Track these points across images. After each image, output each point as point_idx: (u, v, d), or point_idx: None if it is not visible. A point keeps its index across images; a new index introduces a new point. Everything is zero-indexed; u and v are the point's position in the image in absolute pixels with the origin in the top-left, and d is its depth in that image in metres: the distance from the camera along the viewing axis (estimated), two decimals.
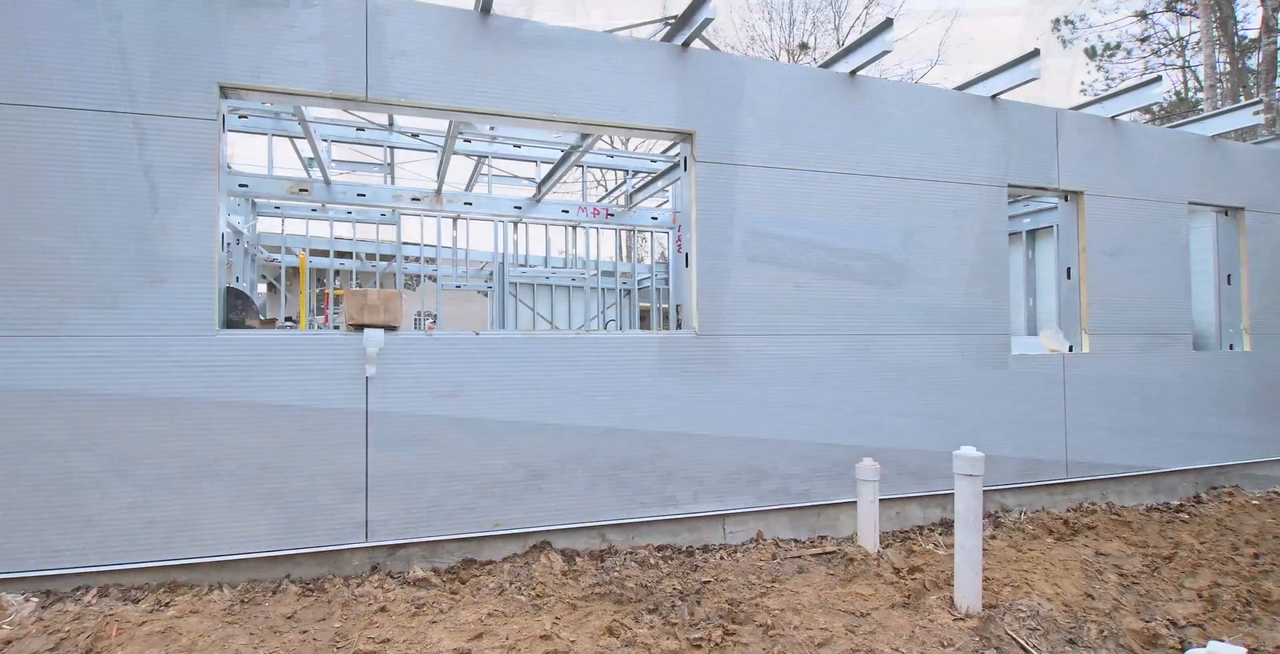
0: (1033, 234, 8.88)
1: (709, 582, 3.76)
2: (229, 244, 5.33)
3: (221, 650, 2.86)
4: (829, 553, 4.27)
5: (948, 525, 4.89)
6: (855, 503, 4.36)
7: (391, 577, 3.71)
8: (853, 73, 4.97)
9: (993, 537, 4.62)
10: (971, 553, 3.39)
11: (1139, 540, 4.63)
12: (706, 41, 5.14)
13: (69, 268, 3.40)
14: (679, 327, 4.76)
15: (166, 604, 3.26)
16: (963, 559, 3.41)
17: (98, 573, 3.39)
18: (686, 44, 4.54)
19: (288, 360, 3.71)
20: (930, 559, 4.11)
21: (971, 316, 5.20)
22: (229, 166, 6.86)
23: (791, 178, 4.74)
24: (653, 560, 4.05)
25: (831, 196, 4.84)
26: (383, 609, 3.34)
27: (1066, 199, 5.81)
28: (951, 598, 3.48)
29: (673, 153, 8.25)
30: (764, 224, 4.66)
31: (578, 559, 4.01)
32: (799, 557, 4.21)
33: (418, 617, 3.28)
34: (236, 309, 4.58)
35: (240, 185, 7.18)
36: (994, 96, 5.40)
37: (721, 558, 4.17)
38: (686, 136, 4.61)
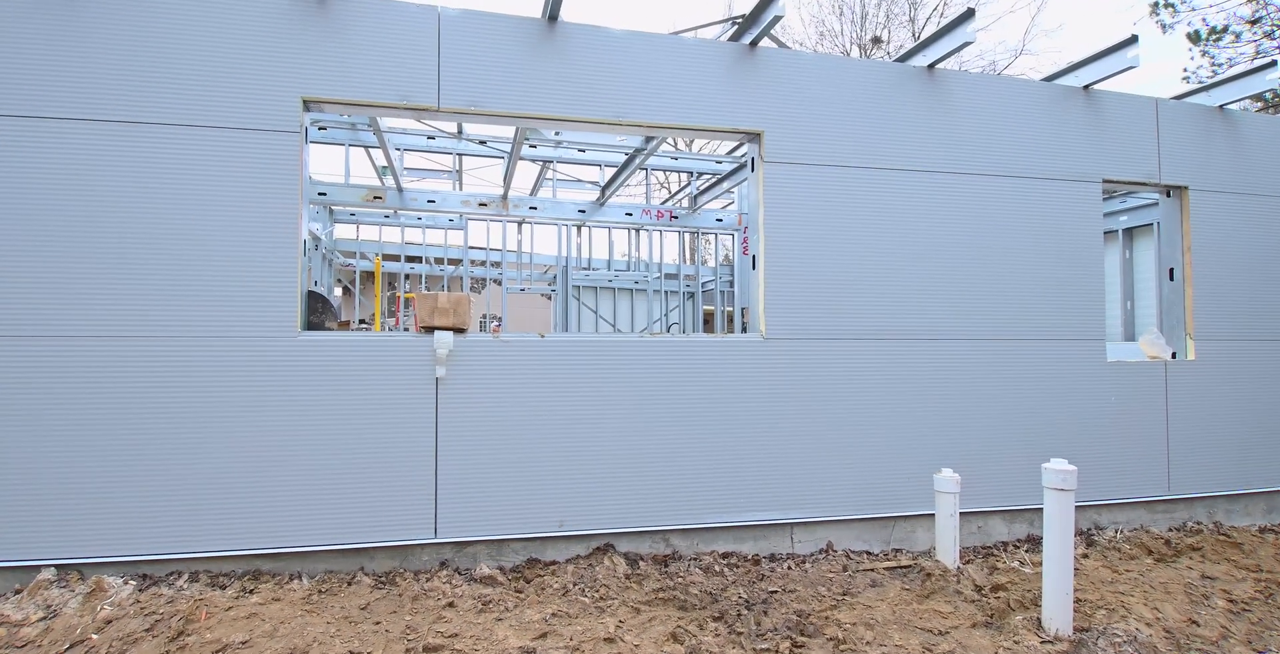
0: (1130, 232, 8.35)
1: (776, 592, 3.69)
2: (309, 250, 5.64)
3: (301, 638, 3.01)
4: (904, 567, 4.12)
5: (1035, 542, 4.63)
6: (933, 515, 4.20)
7: (459, 573, 3.82)
8: (931, 66, 4.82)
9: (1085, 555, 4.35)
10: (1061, 572, 3.20)
11: (1250, 564, 4.27)
12: (775, 39, 5.09)
13: (170, 274, 3.67)
14: (744, 330, 4.72)
15: (251, 591, 3.47)
16: (1052, 578, 3.22)
17: (189, 559, 3.64)
18: (754, 43, 4.51)
19: (362, 361, 3.89)
20: (1016, 577, 3.90)
21: (1061, 320, 4.93)
22: (309, 176, 7.27)
23: (864, 177, 4.63)
24: (717, 567, 4.01)
25: (908, 195, 4.70)
26: (450, 605, 3.44)
27: (1169, 195, 5.44)
28: (1039, 619, 3.29)
29: (739, 153, 8.20)
30: (835, 224, 4.56)
31: (641, 563, 4.03)
32: (872, 569, 4.08)
33: (484, 613, 3.37)
34: (316, 312, 4.85)
35: (320, 194, 7.60)
36: (1086, 87, 5.11)
37: (789, 568, 4.10)
38: (754, 137, 4.57)
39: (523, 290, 11.96)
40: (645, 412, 4.21)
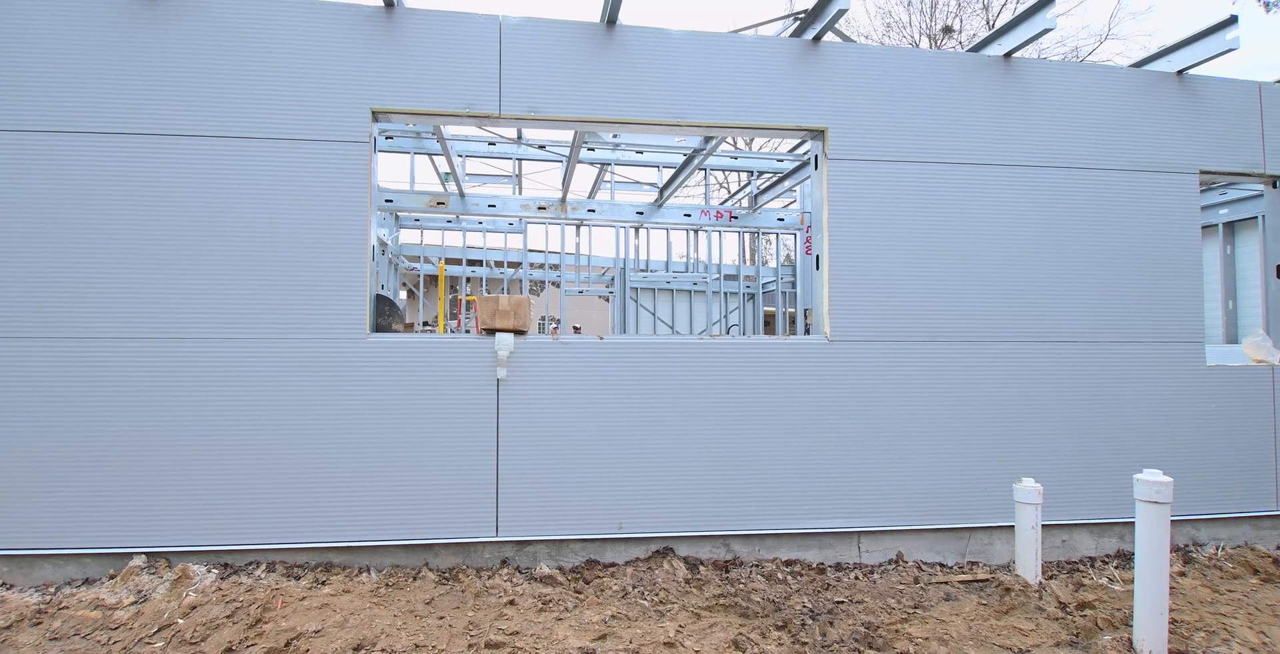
0: (1231, 226, 7.78)
1: (843, 602, 3.61)
2: (376, 255, 5.88)
3: (369, 629, 3.13)
4: (981, 580, 3.96)
5: (1126, 558, 4.37)
6: (1012, 527, 4.02)
7: (519, 572, 3.89)
8: (1007, 55, 4.63)
9: (1182, 573, 4.07)
10: (1156, 590, 3.00)
11: None
12: (839, 33, 5.00)
13: (252, 281, 3.90)
14: (807, 332, 4.64)
15: (323, 582, 3.63)
16: (1145, 596, 3.03)
17: (266, 550, 3.84)
18: (817, 38, 4.44)
19: (426, 362, 4.02)
20: (1104, 595, 3.69)
21: (1155, 321, 4.64)
22: (377, 184, 7.59)
23: (935, 172, 4.49)
24: (780, 575, 3.95)
25: (983, 191, 4.53)
26: (511, 603, 3.51)
27: (1275, 186, 5.05)
28: (1129, 640, 3.10)
29: (801, 151, 8.08)
30: (904, 222, 4.44)
31: (701, 568, 4.01)
32: (945, 582, 3.93)
33: (544, 612, 3.42)
34: (384, 314, 5.04)
35: (386, 200, 7.91)
36: (1180, 72, 4.81)
37: (856, 578, 4.00)
38: (818, 134, 4.50)
39: (581, 292, 12.12)
40: (705, 415, 4.19)
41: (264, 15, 3.98)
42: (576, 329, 10.93)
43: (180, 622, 3.24)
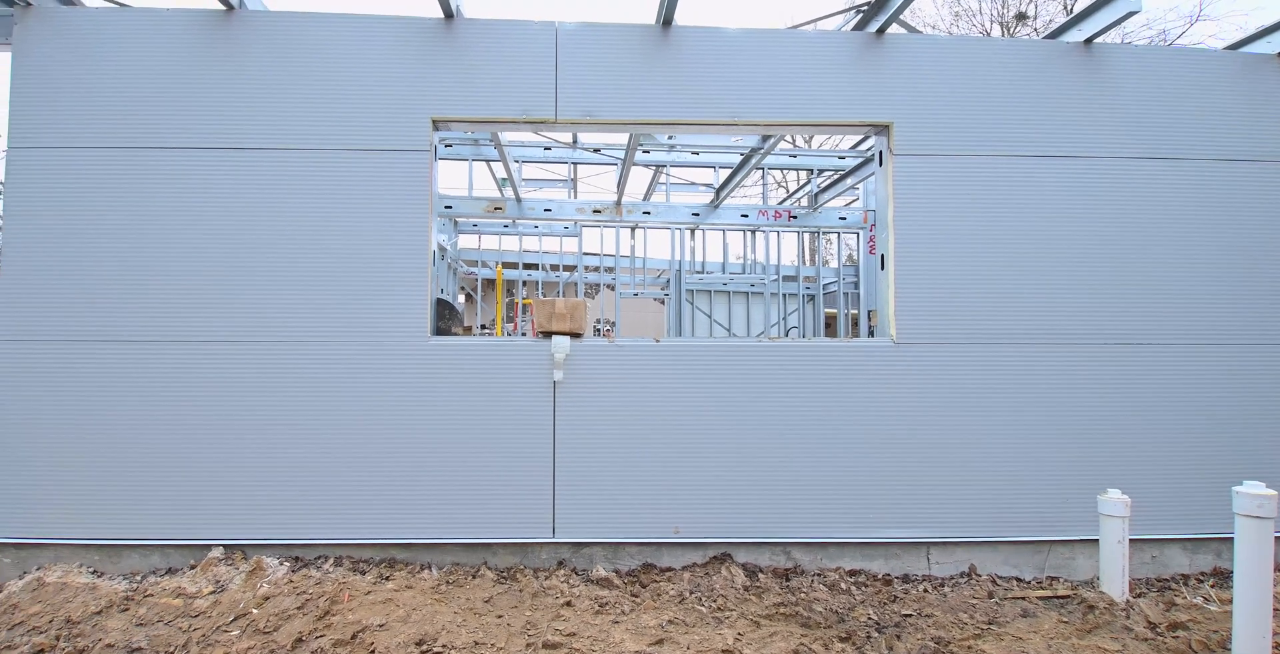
0: None
1: (911, 615, 3.51)
2: (436, 260, 6.08)
3: (431, 625, 3.23)
4: (1061, 597, 3.78)
5: (1223, 576, 4.09)
6: (1096, 541, 3.82)
7: (576, 573, 3.95)
8: (1087, 41, 4.44)
9: None
10: (1257, 611, 2.81)
11: None
12: (904, 24, 4.89)
13: (321, 285, 4.10)
14: (871, 334, 4.55)
15: (387, 578, 3.78)
16: (1245, 618, 2.83)
17: (334, 545, 4.02)
18: (881, 30, 4.36)
19: (485, 364, 4.14)
20: (1198, 615, 3.46)
21: (1257, 321, 4.34)
22: (437, 191, 7.86)
23: (1008, 166, 4.34)
24: (844, 585, 3.88)
25: (1061, 184, 4.35)
26: (568, 604, 3.56)
27: None
28: None
29: (863, 147, 7.93)
30: (974, 219, 4.30)
31: (760, 575, 3.97)
32: (1022, 597, 3.78)
33: (600, 615, 3.46)
34: (444, 317, 5.22)
35: (446, 207, 8.17)
36: None
37: (926, 590, 3.88)
38: (882, 129, 4.41)
39: (636, 295, 12.20)
40: (764, 419, 4.16)
41: (327, 34, 4.19)
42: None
43: (254, 612, 3.43)
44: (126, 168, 4.08)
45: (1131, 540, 3.77)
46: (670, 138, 7.41)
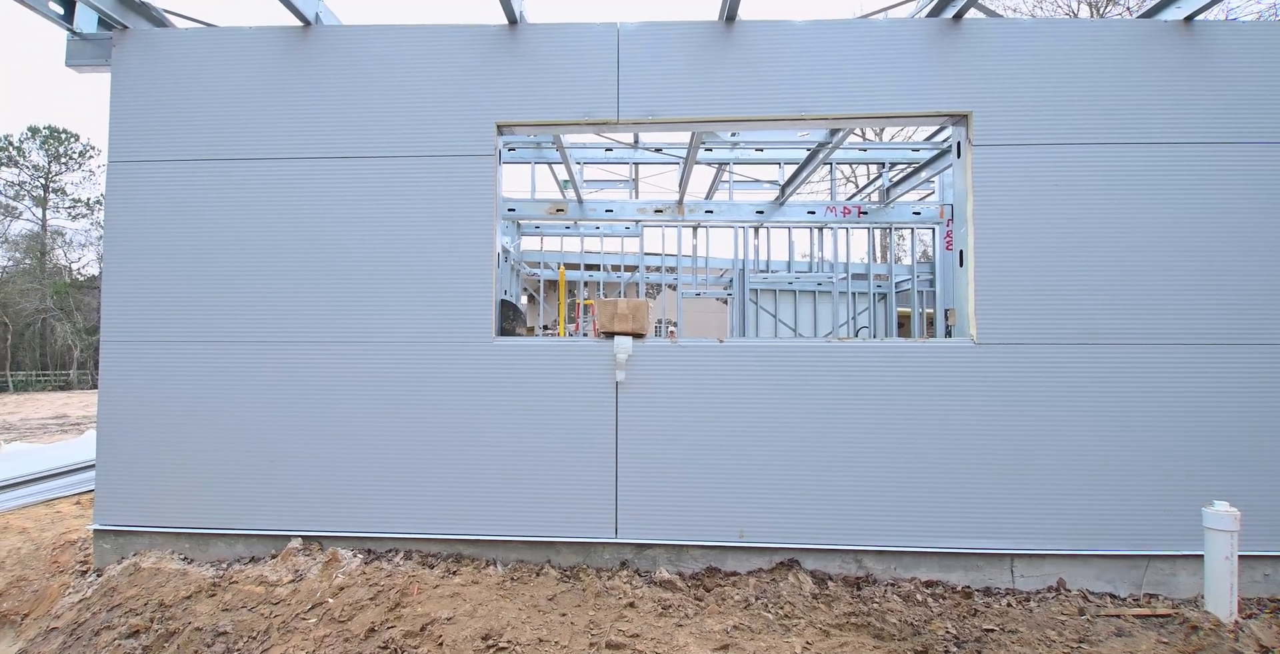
0: None
1: (993, 630, 3.38)
2: (500, 262, 6.25)
3: (496, 620, 3.32)
4: (1161, 616, 3.55)
5: None
6: (1201, 556, 3.58)
7: (639, 574, 3.98)
8: (1188, 19, 4.17)
9: None
10: None
11: None
12: (983, 9, 4.71)
13: (396, 287, 4.29)
14: (948, 334, 4.40)
15: (454, 572, 3.90)
16: None
17: (404, 539, 4.18)
18: (959, 16, 4.22)
19: (548, 365, 4.22)
20: None
21: None
22: (501, 194, 8.08)
23: (1099, 154, 4.11)
24: (919, 596, 3.76)
25: (1157, 174, 4.09)
26: (631, 605, 3.59)
27: None
28: None
29: (939, 139, 7.67)
30: (1062, 211, 4.10)
31: (829, 583, 3.90)
32: (1117, 615, 3.57)
33: (664, 617, 3.47)
34: (508, 318, 5.35)
35: (509, 209, 8.38)
36: None
37: (1009, 604, 3.72)
38: (960, 119, 4.27)
39: (698, 295, 12.17)
40: (833, 422, 4.09)
41: (395, 45, 4.38)
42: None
43: (330, 601, 3.60)
44: (213, 179, 4.38)
45: (1241, 557, 3.51)
46: (734, 135, 7.37)
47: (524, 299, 11.61)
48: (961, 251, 4.27)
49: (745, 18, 4.29)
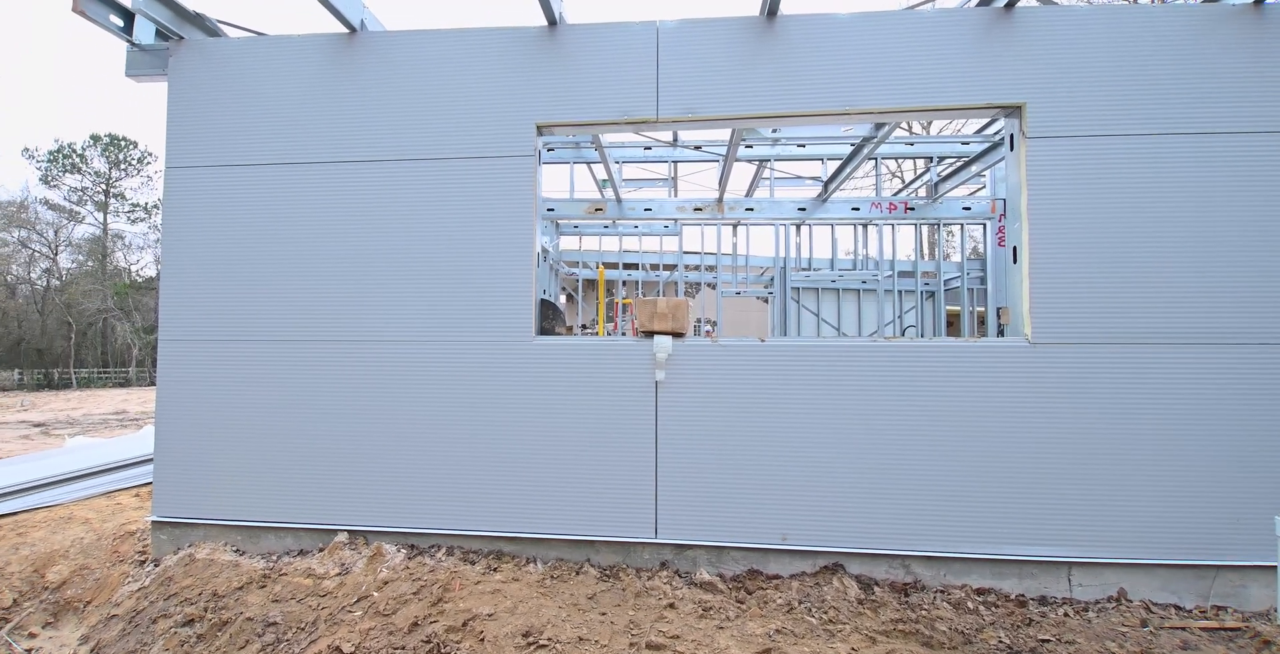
0: None
1: (1049, 641, 3.27)
2: (539, 261, 6.32)
3: (536, 618, 3.36)
4: (1230, 629, 3.39)
5: None
6: (1273, 568, 3.41)
7: (679, 576, 3.97)
8: (1258, 2, 3.97)
9: None
10: None
11: None
12: None
13: (438, 287, 4.37)
14: (1001, 333, 4.27)
15: (495, 569, 3.96)
16: None
17: (446, 535, 4.26)
18: (1010, 4, 4.10)
19: (588, 364, 4.25)
20: None
21: None
22: (540, 194, 8.17)
23: (1160, 146, 3.95)
24: (970, 604, 3.67)
25: (1223, 165, 3.91)
26: (671, 606, 3.59)
27: None
28: None
29: (990, 131, 7.47)
30: (1119, 205, 3.95)
31: (875, 589, 3.83)
32: (1182, 628, 3.42)
33: (704, 619, 3.46)
34: (547, 318, 5.41)
35: (548, 209, 8.47)
36: None
37: (1066, 614, 3.60)
38: (1013, 110, 4.15)
39: (738, 294, 12.09)
40: (878, 423, 4.01)
41: (437, 49, 4.46)
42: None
43: (375, 595, 3.69)
44: (264, 183, 4.53)
45: None
46: (774, 131, 7.31)
47: (563, 298, 11.71)
48: (1015, 248, 4.15)
49: (786, 12, 4.25)
